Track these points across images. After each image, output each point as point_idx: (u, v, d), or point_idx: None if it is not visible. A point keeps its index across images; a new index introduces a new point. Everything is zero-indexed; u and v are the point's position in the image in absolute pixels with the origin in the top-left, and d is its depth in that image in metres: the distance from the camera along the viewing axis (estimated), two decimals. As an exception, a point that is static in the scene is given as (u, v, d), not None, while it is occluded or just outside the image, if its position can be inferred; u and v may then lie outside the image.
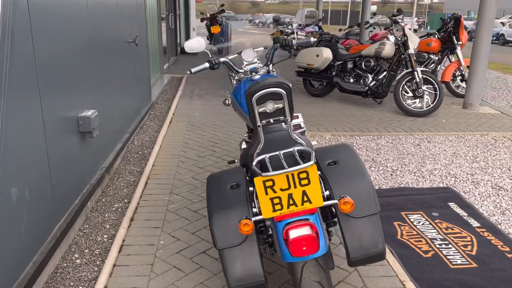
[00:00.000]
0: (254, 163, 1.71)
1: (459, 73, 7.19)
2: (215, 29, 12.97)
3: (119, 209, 3.11)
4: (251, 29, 35.06)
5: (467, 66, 7.15)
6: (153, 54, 7.16)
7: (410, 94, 5.91)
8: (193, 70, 2.71)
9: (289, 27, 16.50)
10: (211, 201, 1.89)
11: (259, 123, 1.73)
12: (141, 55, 5.45)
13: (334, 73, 6.60)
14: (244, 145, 2.89)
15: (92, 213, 3.03)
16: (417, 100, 5.89)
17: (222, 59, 2.81)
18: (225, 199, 1.85)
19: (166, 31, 9.38)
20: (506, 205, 3.26)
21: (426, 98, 5.84)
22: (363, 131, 5.10)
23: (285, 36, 2.82)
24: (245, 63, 2.96)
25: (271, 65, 2.99)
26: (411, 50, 5.91)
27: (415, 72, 5.79)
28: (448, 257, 2.60)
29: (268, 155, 1.74)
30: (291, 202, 1.68)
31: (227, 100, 3.09)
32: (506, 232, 2.89)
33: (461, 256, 2.61)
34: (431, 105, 5.80)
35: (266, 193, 1.67)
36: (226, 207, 1.81)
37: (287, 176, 1.66)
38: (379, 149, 4.53)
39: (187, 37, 14.89)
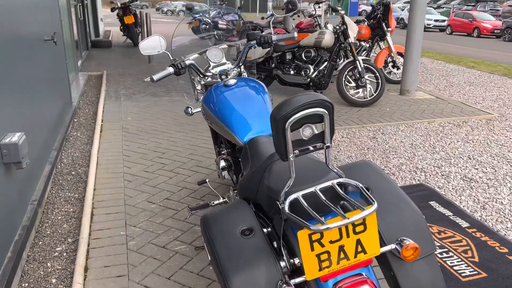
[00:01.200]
0: (287, 207, 1.29)
1: (391, 60, 7.26)
2: (129, 20, 11.97)
3: (64, 253, 2.48)
4: (160, 18, 33.57)
5: (398, 53, 7.27)
6: (68, 50, 6.24)
7: (353, 84, 5.79)
8: (155, 77, 2.18)
9: (206, 15, 15.93)
10: (221, 257, 1.42)
11: (291, 155, 1.30)
12: (58, 53, 4.63)
13: (273, 65, 6.27)
14: (223, 163, 2.42)
15: (29, 265, 2.37)
16: (360, 90, 5.79)
17: (188, 62, 2.31)
18: (243, 254, 1.40)
19: (76, 23, 8.34)
20: (483, 198, 3.18)
21: (369, 87, 5.76)
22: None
23: (258, 31, 2.47)
24: (211, 64, 2.49)
25: (242, 66, 2.55)
26: (351, 39, 5.77)
27: (357, 62, 5.66)
28: (455, 268, 2.40)
29: (301, 193, 1.33)
30: (342, 255, 1.29)
31: (189, 109, 2.59)
32: (495, 230, 2.78)
33: (467, 265, 2.43)
34: (374, 94, 5.73)
35: (312, 249, 1.26)
36: (248, 267, 1.36)
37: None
38: (338, 146, 4.30)
39: (96, 29, 13.62)
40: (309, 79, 5.93)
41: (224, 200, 2.49)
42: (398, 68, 7.23)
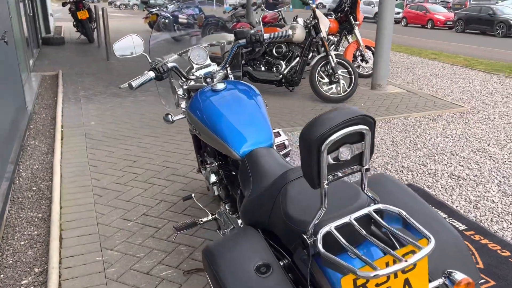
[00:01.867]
0: (321, 243, 1.07)
1: (359, 53, 7.19)
2: (83, 15, 11.32)
3: (31, 287, 2.16)
4: (114, 12, 32.35)
5: (366, 46, 7.21)
6: (18, 50, 5.71)
7: (326, 79, 5.65)
8: (134, 83, 1.90)
9: (164, 9, 15.36)
10: None
11: (325, 182, 1.08)
12: (10, 54, 4.18)
13: (243, 61, 6.02)
14: (213, 178, 2.17)
15: (-11, 305, 2.04)
16: (334, 86, 5.65)
17: (170, 65, 2.04)
18: None
19: (25, 19, 7.72)
20: (474, 197, 3.10)
21: (342, 83, 5.64)
22: (293, 125, 4.65)
23: (248, 29, 2.23)
24: (195, 66, 2.23)
25: (228, 68, 2.31)
26: (323, 34, 5.61)
27: (330, 57, 5.52)
28: (462, 277, 2.28)
29: (334, 225, 1.12)
30: (387, 299, 1.09)
31: (169, 116, 2.32)
32: (493, 231, 2.70)
33: (473, 273, 2.31)
34: (348, 90, 5.61)
35: (356, 296, 1.05)
36: None
37: (387, 263, 1.06)
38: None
39: (47, 25, 12.81)
40: (281, 76, 5.73)
41: (213, 217, 2.25)
42: (366, 62, 7.17)
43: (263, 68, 5.90)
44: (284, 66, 5.73)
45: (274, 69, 5.78)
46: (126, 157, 3.75)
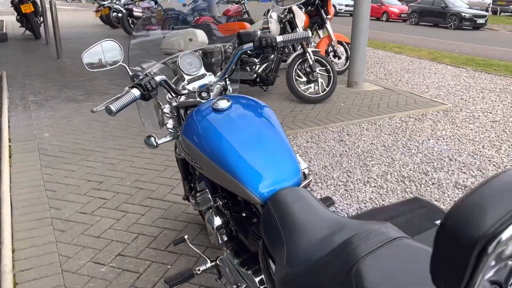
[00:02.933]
0: None
1: (331, 49, 6.88)
2: (27, 8, 10.34)
3: None
4: (60, 5, 30.50)
5: (338, 41, 6.91)
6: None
7: (304, 78, 5.28)
8: (113, 107, 1.42)
9: (117, 2, 14.45)
10: None
11: None
12: None
13: (213, 60, 5.53)
14: (218, 221, 1.73)
15: None
16: (312, 85, 5.30)
17: (158, 78, 1.58)
18: None
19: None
20: (487, 211, 2.83)
21: (321, 82, 5.30)
22: (275, 131, 4.25)
23: (255, 31, 1.82)
24: (186, 77, 1.78)
25: (227, 79, 1.88)
26: (299, 29, 5.24)
27: (307, 54, 5.15)
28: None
29: None
30: None
31: (152, 139, 1.86)
32: None
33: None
34: (327, 89, 5.28)
35: None
36: None
37: None
38: (306, 153, 3.76)
39: (-14, 19, 11.65)
40: (255, 75, 5.30)
41: (214, 263, 1.82)
42: (339, 58, 6.88)
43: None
44: (258, 65, 5.31)
45: (248, 68, 5.34)
46: (90, 177, 3.21)
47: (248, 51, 1.89)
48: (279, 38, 1.76)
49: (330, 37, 6.72)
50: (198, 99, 1.74)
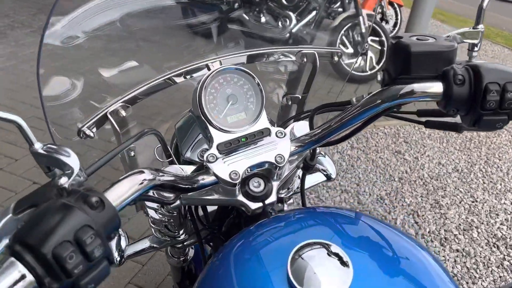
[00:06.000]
0: None
1: (380, 10, 5.58)
2: None
3: None
4: None
5: (389, 1, 5.63)
6: None
7: (350, 49, 4.08)
8: None
9: None
10: None
11: None
12: None
13: (236, 4, 4.27)
14: None
15: None
16: (359, 59, 4.12)
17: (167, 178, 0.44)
18: None
19: None
20: None
21: (370, 56, 4.12)
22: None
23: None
24: (215, 141, 0.62)
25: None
26: (356, -20, 3.96)
27: (360, 17, 3.92)
28: None
29: None
30: None
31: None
32: None
33: None
34: (377, 67, 4.11)
35: None
36: None
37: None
38: (352, 167, 2.70)
39: None
40: (288, 35, 4.07)
41: None
42: (387, 22, 5.61)
43: (262, 19, 4.20)
44: (293, 20, 4.07)
45: (280, 23, 4.11)
46: None
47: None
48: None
49: (380, -6, 5.41)
50: (243, 200, 0.65)
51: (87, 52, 0.74)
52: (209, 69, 0.77)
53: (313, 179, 0.91)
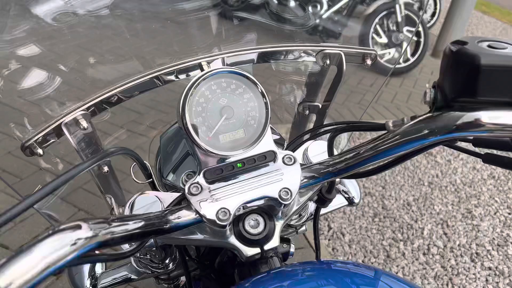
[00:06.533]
0: None
1: (418, -2, 5.26)
2: None
3: None
4: None
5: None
6: None
7: (384, 39, 3.83)
8: None
9: None
10: None
11: None
12: None
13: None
14: None
15: None
16: (392, 50, 3.86)
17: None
18: None
19: None
20: None
21: (405, 47, 3.86)
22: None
23: None
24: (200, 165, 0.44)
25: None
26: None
27: (397, 5, 3.67)
28: None
29: None
30: None
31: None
32: None
33: None
34: (412, 60, 3.86)
35: None
36: None
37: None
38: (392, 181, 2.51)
39: None
40: (318, 21, 3.86)
41: None
42: (424, 13, 5.29)
43: (292, 3, 4.00)
44: (325, 6, 3.85)
45: (309, 8, 3.89)
46: None
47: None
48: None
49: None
50: (235, 244, 0.50)
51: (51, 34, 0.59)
52: (202, 69, 0.62)
53: (331, 203, 0.75)
